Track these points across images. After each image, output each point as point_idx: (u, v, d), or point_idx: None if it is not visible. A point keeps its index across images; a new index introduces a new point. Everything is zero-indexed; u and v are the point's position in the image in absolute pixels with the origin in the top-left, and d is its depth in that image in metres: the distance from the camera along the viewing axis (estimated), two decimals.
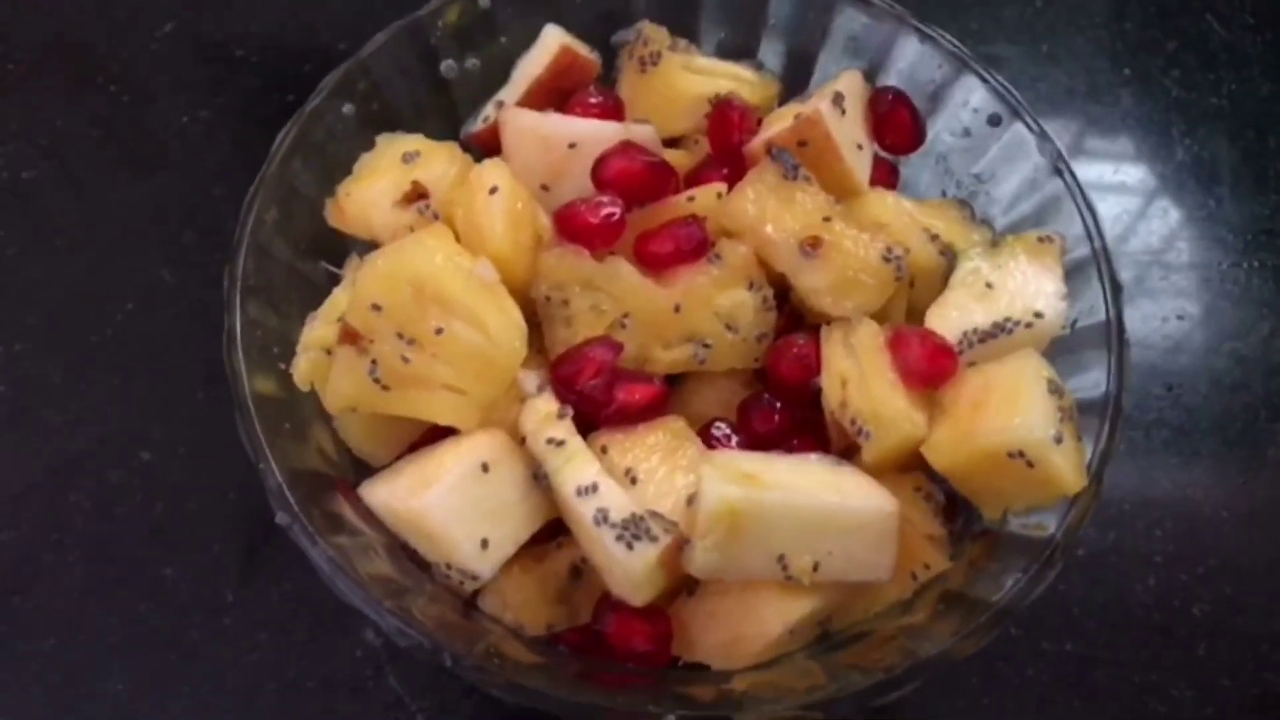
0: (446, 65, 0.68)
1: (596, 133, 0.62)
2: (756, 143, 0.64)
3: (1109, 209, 0.84)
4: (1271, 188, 0.86)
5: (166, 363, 0.74)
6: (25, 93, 0.84)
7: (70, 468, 0.71)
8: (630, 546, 0.50)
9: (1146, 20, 0.94)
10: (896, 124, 0.66)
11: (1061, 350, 0.60)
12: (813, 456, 0.55)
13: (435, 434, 0.57)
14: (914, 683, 0.49)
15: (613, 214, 0.59)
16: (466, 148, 0.67)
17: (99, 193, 0.81)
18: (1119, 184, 0.87)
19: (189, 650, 0.66)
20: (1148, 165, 0.87)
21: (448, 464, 0.52)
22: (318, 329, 0.59)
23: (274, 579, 0.68)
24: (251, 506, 0.69)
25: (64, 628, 0.66)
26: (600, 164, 0.60)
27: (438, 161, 0.63)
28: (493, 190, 0.58)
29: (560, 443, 0.53)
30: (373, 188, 0.62)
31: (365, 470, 0.59)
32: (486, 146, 0.67)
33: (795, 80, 0.72)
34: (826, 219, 0.59)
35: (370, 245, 0.63)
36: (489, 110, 0.69)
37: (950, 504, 0.59)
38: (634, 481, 0.54)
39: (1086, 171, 0.85)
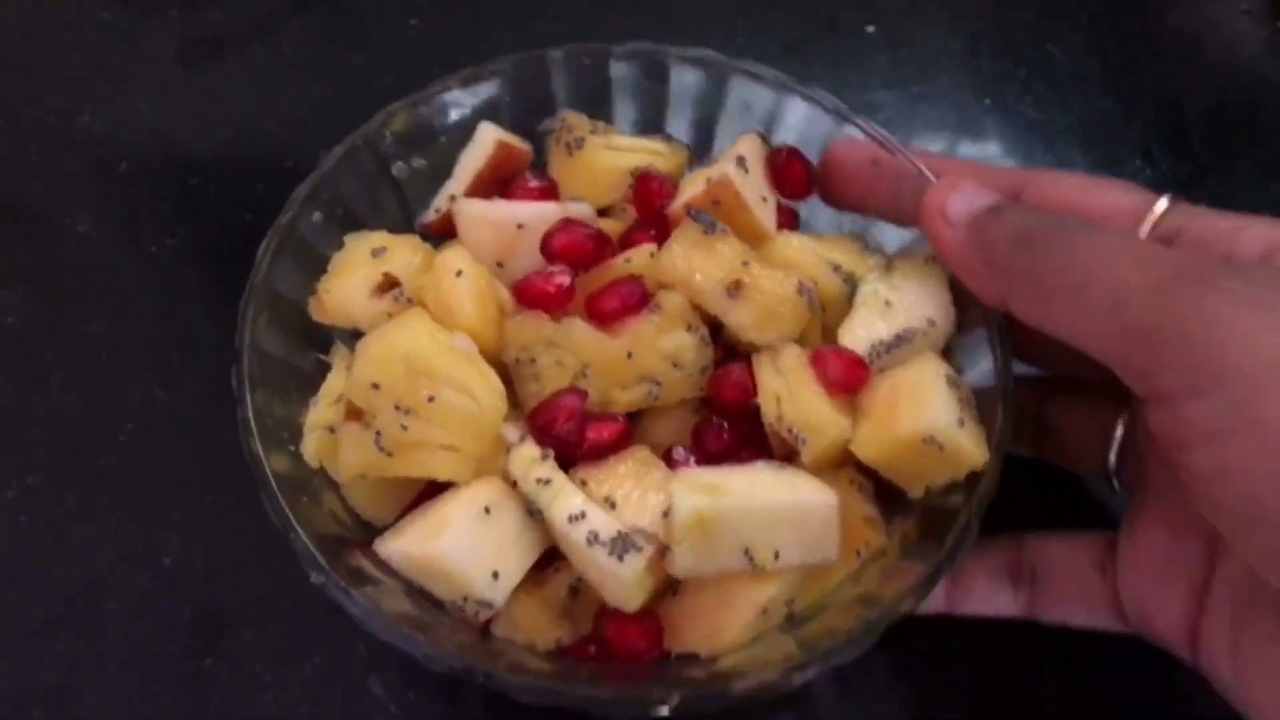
0: (397, 167, 0.77)
1: (539, 213, 0.71)
2: (676, 205, 0.74)
3: None
4: None
5: (172, 475, 0.80)
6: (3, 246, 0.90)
7: (99, 584, 0.76)
8: (620, 559, 0.59)
9: (997, 55, 1.07)
10: (793, 176, 0.77)
11: (957, 349, 0.71)
12: (759, 464, 0.65)
13: (432, 492, 0.65)
14: (871, 639, 0.58)
15: (564, 282, 0.68)
16: (423, 236, 0.76)
17: (84, 327, 0.86)
18: None
19: None
20: None
21: (454, 512, 0.61)
22: (320, 410, 0.67)
23: (305, 656, 0.74)
24: (274, 595, 0.76)
25: None
26: (547, 240, 0.70)
27: (403, 253, 0.72)
28: (458, 273, 0.67)
29: (547, 481, 0.62)
30: (349, 282, 0.70)
31: (373, 531, 0.67)
32: (441, 233, 0.76)
33: (701, 144, 0.82)
34: (745, 264, 0.69)
35: (352, 333, 0.71)
36: (439, 202, 0.78)
37: (880, 490, 0.69)
38: (613, 506, 0.63)
39: None
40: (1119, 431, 0.71)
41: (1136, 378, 0.54)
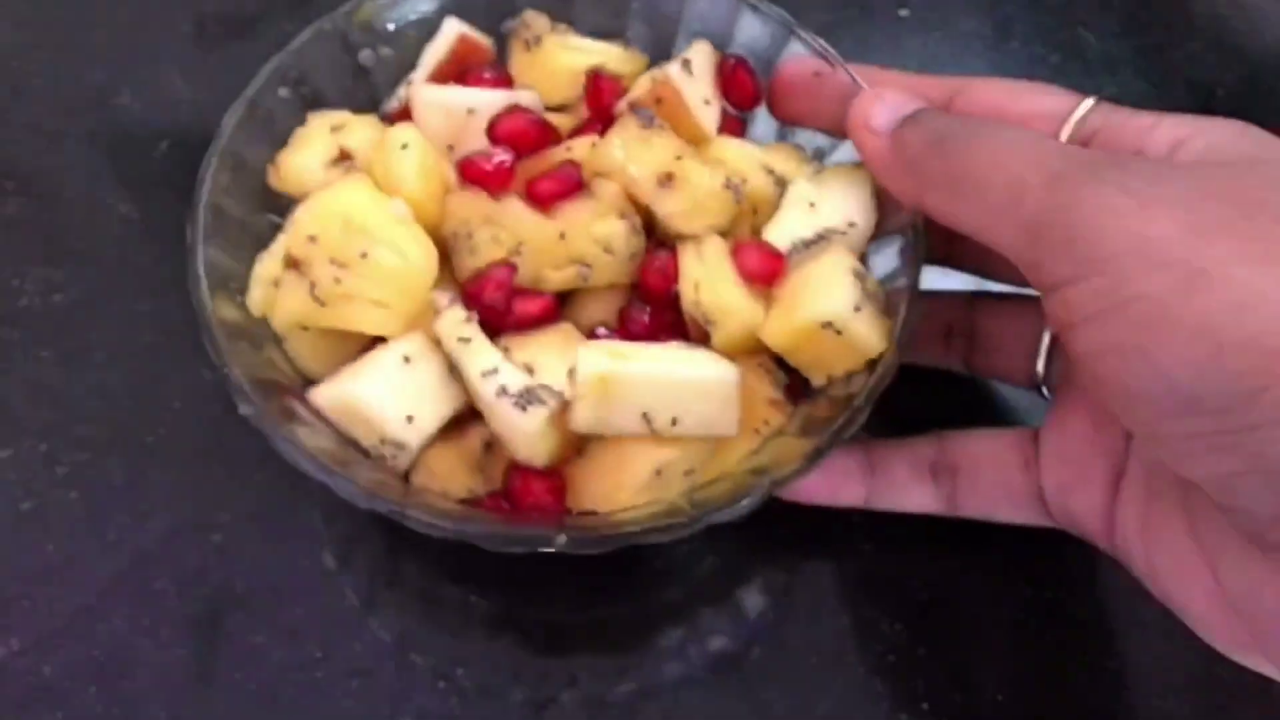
0: (365, 55, 0.81)
1: (490, 99, 0.75)
2: (623, 104, 0.78)
3: None
4: None
5: (220, 453, 0.82)
6: (36, 227, 0.93)
7: (149, 558, 0.78)
8: (524, 410, 0.63)
9: (1029, 39, 1.09)
10: (739, 84, 0.80)
11: (877, 252, 0.75)
12: (673, 343, 0.69)
13: (369, 351, 0.70)
14: (753, 500, 0.62)
15: (504, 161, 0.72)
16: (386, 124, 0.80)
17: (129, 306, 0.89)
18: None
19: (288, 705, 0.75)
20: None
21: (376, 358, 0.65)
22: (266, 264, 0.71)
23: (356, 630, 0.77)
24: (321, 571, 0.79)
25: (171, 703, 0.74)
26: (493, 124, 0.73)
27: (362, 130, 0.76)
28: (404, 146, 0.71)
29: (468, 340, 0.66)
30: (306, 153, 0.75)
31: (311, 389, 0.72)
32: (402, 121, 0.81)
33: (657, 55, 0.86)
34: (678, 158, 0.72)
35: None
36: (402, 90, 0.82)
37: (793, 383, 0.72)
38: (531, 372, 0.67)
39: None
40: (1045, 339, 0.74)
41: (1032, 271, 0.58)
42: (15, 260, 0.91)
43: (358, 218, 0.66)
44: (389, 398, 0.64)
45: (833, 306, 0.66)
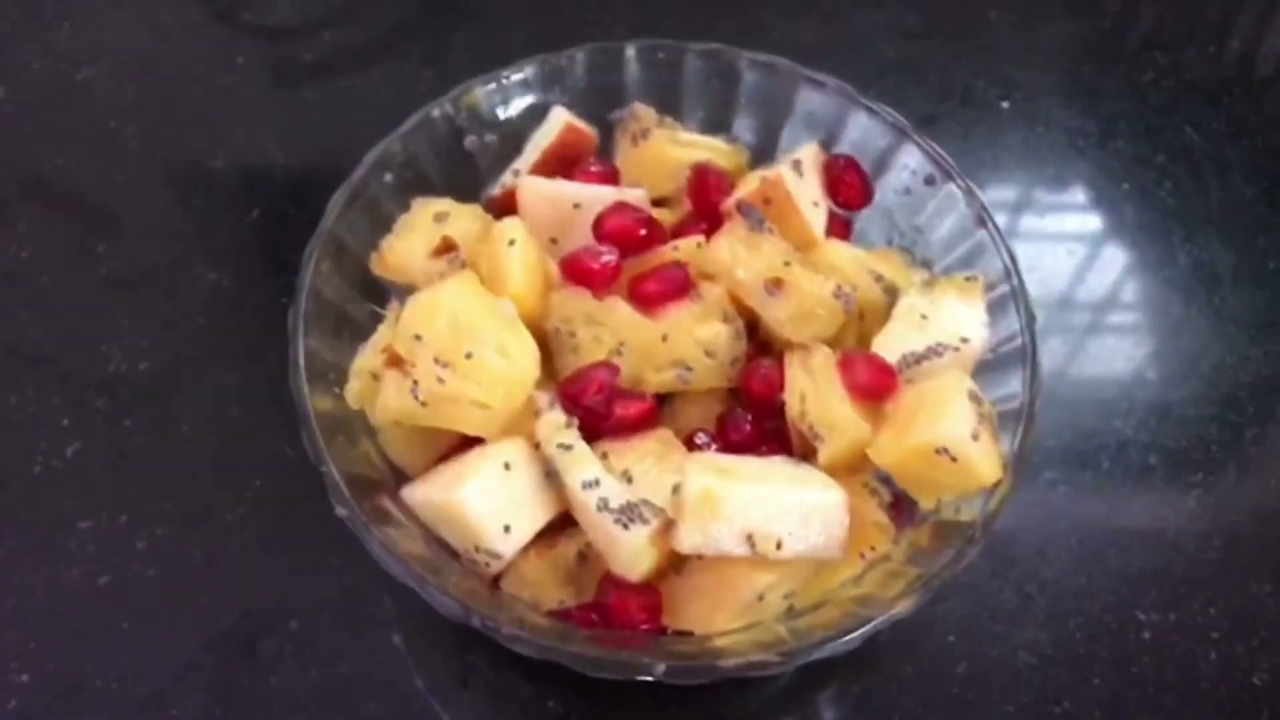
0: (470, 140, 0.81)
1: (596, 195, 0.74)
2: (730, 202, 0.76)
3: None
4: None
5: (299, 535, 0.80)
6: (126, 292, 0.92)
7: (223, 642, 0.77)
8: (626, 527, 0.61)
9: (1135, 137, 1.05)
10: (848, 185, 0.79)
11: (987, 370, 0.72)
12: (777, 458, 0.67)
13: (463, 447, 0.68)
14: (861, 634, 0.60)
15: (610, 261, 0.70)
16: (488, 209, 0.79)
17: (216, 379, 0.88)
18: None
19: None
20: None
21: (477, 464, 0.64)
22: (367, 357, 0.70)
23: None
24: (400, 668, 0.76)
25: None
26: (599, 220, 0.72)
27: (464, 220, 0.75)
28: (511, 242, 0.70)
29: (569, 447, 0.65)
30: (410, 242, 0.74)
31: (404, 479, 0.70)
32: (505, 208, 0.79)
33: (763, 150, 0.84)
34: (787, 263, 0.71)
35: (408, 290, 0.74)
36: (506, 178, 0.81)
37: (897, 501, 0.70)
38: (630, 480, 0.65)
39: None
40: None
41: None
42: (104, 325, 0.91)
43: (465, 318, 0.64)
44: (488, 507, 0.63)
45: (949, 432, 0.63)
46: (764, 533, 0.62)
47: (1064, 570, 0.81)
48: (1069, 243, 0.98)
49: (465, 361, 0.64)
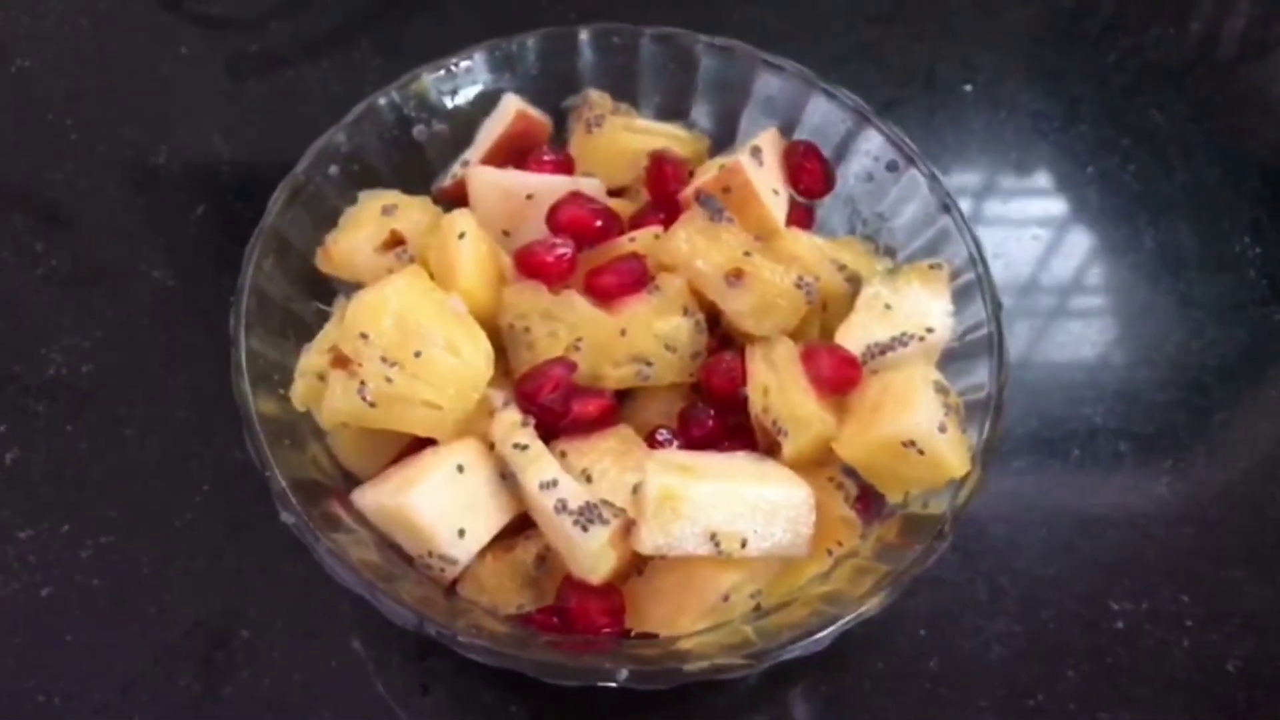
0: (418, 130, 0.78)
1: (550, 185, 0.72)
2: (688, 191, 0.74)
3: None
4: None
5: (249, 541, 0.77)
6: (66, 292, 0.89)
7: (173, 653, 0.74)
8: (585, 529, 0.59)
9: (1099, 120, 1.03)
10: (809, 172, 0.77)
11: (953, 360, 0.70)
12: (740, 454, 0.65)
13: (415, 449, 0.66)
14: (829, 633, 0.58)
15: (565, 254, 0.68)
16: (437, 201, 0.77)
17: (162, 379, 0.84)
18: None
19: None
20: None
21: (428, 467, 0.61)
22: (312, 357, 0.68)
23: None
24: (359, 674, 0.73)
25: None
26: (553, 211, 0.70)
27: (413, 212, 0.73)
28: (461, 235, 0.67)
29: (524, 446, 0.62)
30: (356, 236, 0.72)
31: (355, 482, 0.68)
32: (455, 199, 0.77)
33: (722, 137, 0.82)
34: (747, 254, 0.69)
35: (355, 286, 0.72)
36: (456, 168, 0.78)
37: (864, 495, 0.68)
38: (589, 480, 0.63)
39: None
40: None
41: None
42: (43, 327, 0.87)
43: (412, 315, 0.62)
44: (441, 511, 0.60)
45: (915, 425, 0.61)
46: (728, 532, 0.60)
47: (1035, 560, 0.80)
48: (1033, 228, 0.97)
49: (414, 360, 0.62)
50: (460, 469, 0.62)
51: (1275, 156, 1.02)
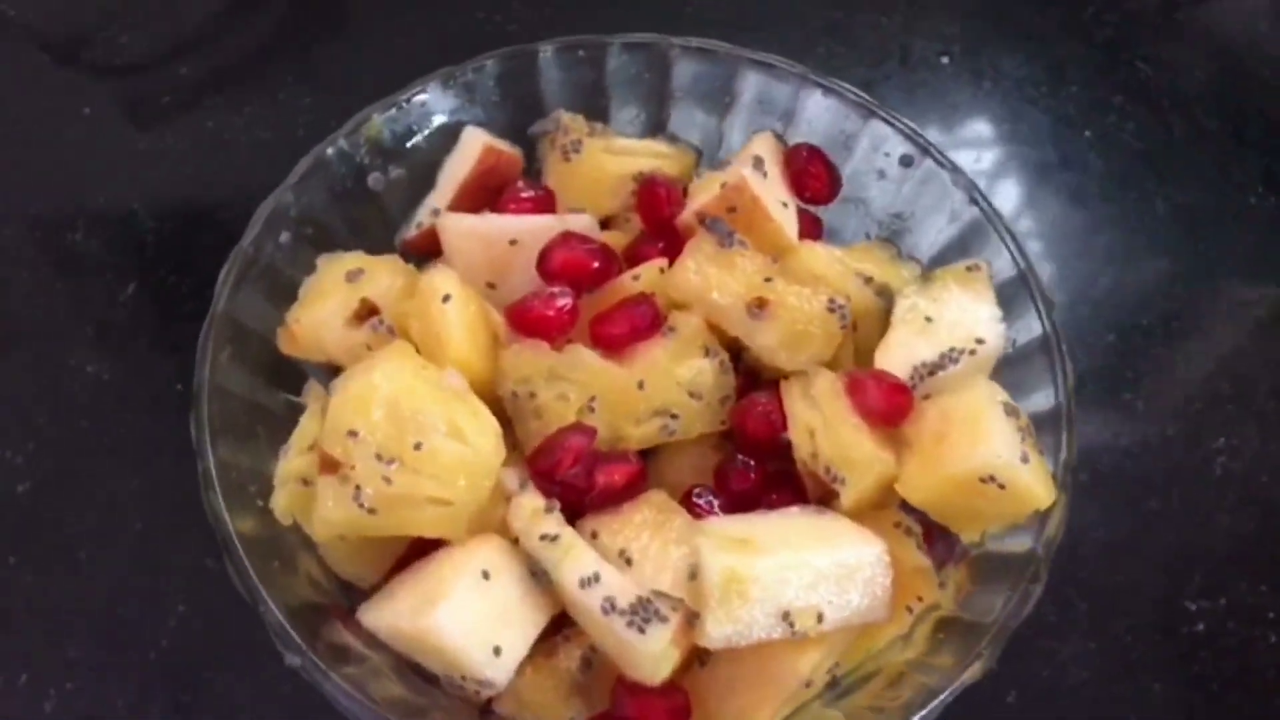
0: (373, 179, 0.69)
1: (535, 227, 0.63)
2: (687, 214, 0.66)
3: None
4: None
5: (235, 661, 0.69)
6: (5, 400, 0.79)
7: None
8: (642, 630, 0.51)
9: (1088, 80, 0.97)
10: (814, 177, 0.69)
11: (1006, 367, 0.63)
12: (794, 510, 0.57)
13: (420, 547, 0.57)
14: (934, 708, 0.51)
15: (566, 305, 0.60)
16: (404, 255, 0.68)
17: (106, 487, 0.75)
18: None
19: None
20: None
21: (449, 578, 0.53)
22: (292, 460, 0.59)
23: None
24: None
25: None
26: (545, 256, 0.62)
27: (382, 275, 0.63)
28: (445, 299, 0.59)
29: (554, 538, 0.54)
30: (322, 310, 0.62)
31: (354, 591, 0.59)
32: (423, 251, 0.68)
33: (707, 147, 0.75)
34: (768, 279, 0.61)
35: (327, 368, 0.63)
36: (421, 216, 0.70)
37: (929, 534, 0.61)
38: (629, 562, 0.55)
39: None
40: None
41: None
42: None
43: (406, 401, 0.53)
44: (471, 628, 0.52)
45: (994, 457, 0.54)
46: (801, 608, 0.52)
47: (1099, 569, 0.74)
48: (1041, 204, 0.90)
49: (414, 454, 0.53)
50: (485, 575, 0.53)
51: (1275, 101, 0.97)
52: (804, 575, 0.52)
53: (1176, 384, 0.82)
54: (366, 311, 0.62)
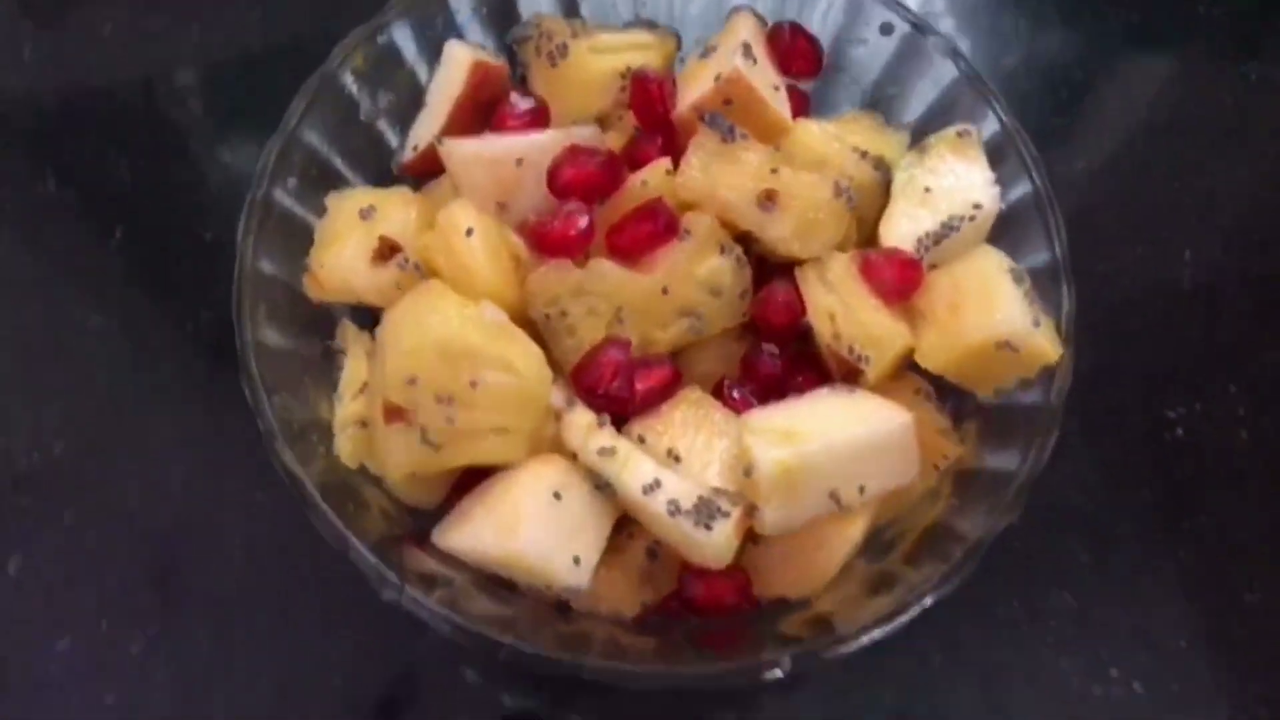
0: (365, 109, 0.68)
1: (539, 144, 0.64)
2: (683, 108, 0.67)
3: None
4: None
5: (316, 598, 0.71)
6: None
7: None
8: (709, 528, 0.55)
9: None
10: (800, 53, 0.70)
11: (999, 225, 0.67)
12: (824, 391, 0.61)
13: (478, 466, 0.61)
14: (972, 562, 0.56)
15: (584, 223, 0.61)
16: (401, 178, 0.69)
17: (138, 435, 0.75)
18: None
19: None
20: None
21: (525, 503, 0.56)
22: (347, 406, 0.61)
23: None
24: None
25: None
26: (554, 174, 0.63)
27: (394, 210, 0.64)
28: (469, 232, 0.60)
29: (611, 450, 0.58)
30: (341, 253, 0.63)
31: (419, 515, 0.63)
32: (421, 172, 0.69)
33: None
34: (774, 170, 0.63)
35: (357, 308, 0.65)
36: (416, 138, 0.70)
37: (940, 392, 0.66)
38: (677, 459, 0.59)
39: None
40: None
41: None
42: None
43: (455, 343, 0.56)
44: (552, 546, 0.56)
45: (1008, 324, 0.58)
46: (847, 485, 0.57)
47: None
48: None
49: (471, 391, 0.56)
50: (557, 495, 0.57)
51: None
52: (846, 455, 0.57)
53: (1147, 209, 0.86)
54: (387, 248, 0.63)
